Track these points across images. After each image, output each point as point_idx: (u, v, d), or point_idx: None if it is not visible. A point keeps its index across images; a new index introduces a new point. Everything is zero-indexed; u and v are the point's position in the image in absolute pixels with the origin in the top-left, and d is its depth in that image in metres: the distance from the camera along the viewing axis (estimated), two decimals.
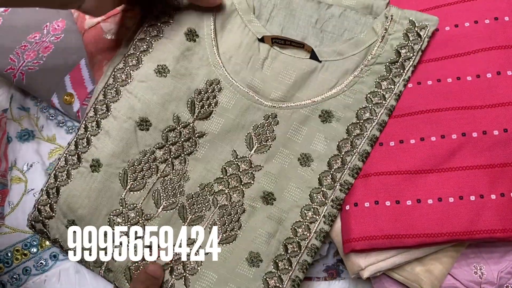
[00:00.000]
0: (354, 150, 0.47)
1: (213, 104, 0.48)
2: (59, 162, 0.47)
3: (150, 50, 0.49)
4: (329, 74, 0.49)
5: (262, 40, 0.50)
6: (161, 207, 0.46)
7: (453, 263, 0.47)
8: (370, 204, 0.45)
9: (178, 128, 0.48)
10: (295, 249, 0.45)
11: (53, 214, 0.46)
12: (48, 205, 0.46)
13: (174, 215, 0.46)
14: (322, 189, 0.46)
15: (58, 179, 0.46)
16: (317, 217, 0.45)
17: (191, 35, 0.49)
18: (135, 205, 0.46)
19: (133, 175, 0.46)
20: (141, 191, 0.46)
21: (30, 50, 0.58)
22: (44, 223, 0.46)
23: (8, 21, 0.61)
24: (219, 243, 0.45)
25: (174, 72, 0.48)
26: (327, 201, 0.46)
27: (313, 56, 0.49)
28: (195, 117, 0.48)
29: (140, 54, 0.48)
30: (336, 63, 0.49)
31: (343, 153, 0.47)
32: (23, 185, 0.54)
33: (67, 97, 0.55)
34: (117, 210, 0.46)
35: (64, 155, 0.47)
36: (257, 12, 0.52)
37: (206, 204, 0.46)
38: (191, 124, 0.48)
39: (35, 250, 0.52)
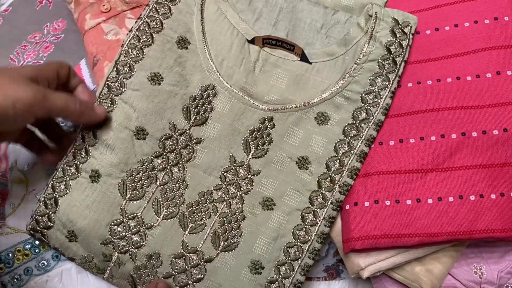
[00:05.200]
0: (352, 151, 0.46)
1: (208, 110, 0.48)
2: (57, 173, 0.47)
3: (142, 57, 0.48)
4: (321, 76, 0.49)
5: (252, 42, 0.50)
6: (161, 215, 0.46)
7: (453, 263, 0.47)
8: (370, 204, 0.45)
9: (175, 136, 0.48)
10: (297, 253, 0.45)
11: (52, 225, 0.46)
12: (46, 215, 0.46)
13: (175, 223, 0.46)
14: (322, 191, 0.46)
15: (56, 190, 0.46)
16: (317, 220, 0.45)
17: (183, 43, 0.49)
18: (135, 214, 0.46)
19: (132, 184, 0.46)
20: (141, 200, 0.46)
21: (30, 50, 0.58)
22: (43, 233, 0.46)
23: (8, 21, 0.61)
24: (221, 251, 0.45)
25: (168, 80, 0.48)
26: (326, 204, 0.46)
27: (304, 58, 0.49)
28: (191, 123, 0.48)
29: (132, 62, 0.48)
30: (327, 64, 0.49)
31: (340, 154, 0.47)
32: (24, 186, 0.54)
33: None
34: (118, 220, 0.46)
35: (62, 165, 0.47)
36: (261, 16, 0.51)
37: (206, 213, 0.46)
38: (187, 131, 0.48)
39: (36, 250, 0.52)
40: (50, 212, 0.46)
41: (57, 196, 0.46)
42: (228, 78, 0.49)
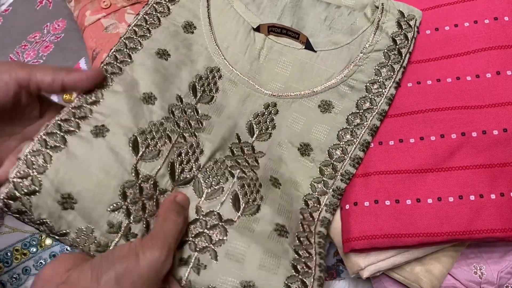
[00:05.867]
0: (355, 140, 0.46)
1: (214, 90, 0.48)
2: (49, 127, 0.39)
3: (149, 36, 0.47)
4: (325, 64, 0.49)
5: (257, 30, 0.50)
6: (177, 181, 0.42)
7: (453, 263, 0.47)
8: (370, 204, 0.45)
9: (182, 107, 0.46)
10: (307, 231, 0.44)
11: (38, 188, 0.36)
12: (30, 177, 0.36)
13: (189, 191, 0.42)
14: (323, 178, 0.46)
15: (49, 145, 0.38)
16: (319, 206, 0.45)
17: (189, 27, 0.49)
18: (149, 176, 0.40)
19: (145, 142, 0.41)
20: (155, 160, 0.41)
21: (30, 49, 0.58)
22: (24, 202, 0.36)
23: (8, 21, 0.61)
24: (242, 214, 0.42)
25: (174, 58, 0.48)
26: (328, 191, 0.46)
27: (308, 46, 0.50)
28: (197, 99, 0.47)
29: (139, 39, 0.47)
30: (332, 53, 0.50)
31: (343, 142, 0.47)
32: None
33: (66, 95, 0.55)
34: (130, 182, 0.39)
35: (56, 122, 0.39)
36: (265, 10, 0.52)
37: (222, 176, 0.43)
38: (194, 106, 0.46)
39: (34, 249, 0.52)
40: (36, 173, 0.36)
41: (48, 151, 0.37)
42: (233, 64, 0.49)
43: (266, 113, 0.48)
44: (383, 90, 0.47)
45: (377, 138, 0.47)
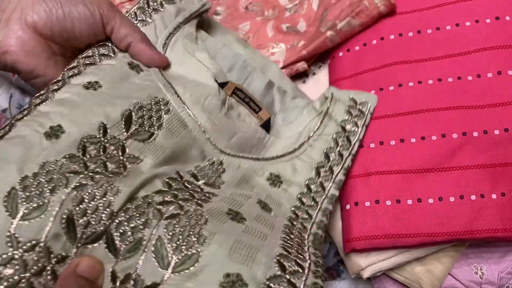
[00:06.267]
0: (311, 220, 0.42)
1: (156, 126, 0.38)
2: None
3: (83, 71, 0.39)
4: (276, 146, 0.46)
5: (222, 85, 0.46)
6: (81, 240, 0.30)
7: (454, 263, 0.47)
8: (371, 204, 0.45)
9: (102, 141, 0.35)
10: (293, 267, 0.32)
11: None
12: None
13: (100, 249, 0.31)
14: (292, 235, 0.38)
15: None
16: (305, 247, 0.37)
17: (135, 66, 0.42)
18: (35, 242, 0.29)
19: (27, 194, 0.30)
20: (42, 216, 0.29)
21: None
22: None
23: None
24: (173, 272, 0.29)
25: (107, 88, 0.38)
26: (305, 242, 0.39)
27: (266, 126, 0.47)
28: (129, 134, 0.37)
29: (67, 79, 0.38)
30: (283, 140, 0.47)
31: (300, 219, 0.41)
32: None
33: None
34: (5, 257, 0.28)
35: None
36: (234, 70, 0.49)
37: (143, 220, 0.31)
38: (121, 142, 0.36)
39: None
40: None
41: None
42: (189, 105, 0.42)
43: (212, 169, 0.40)
44: (331, 175, 0.44)
45: (378, 138, 0.47)
